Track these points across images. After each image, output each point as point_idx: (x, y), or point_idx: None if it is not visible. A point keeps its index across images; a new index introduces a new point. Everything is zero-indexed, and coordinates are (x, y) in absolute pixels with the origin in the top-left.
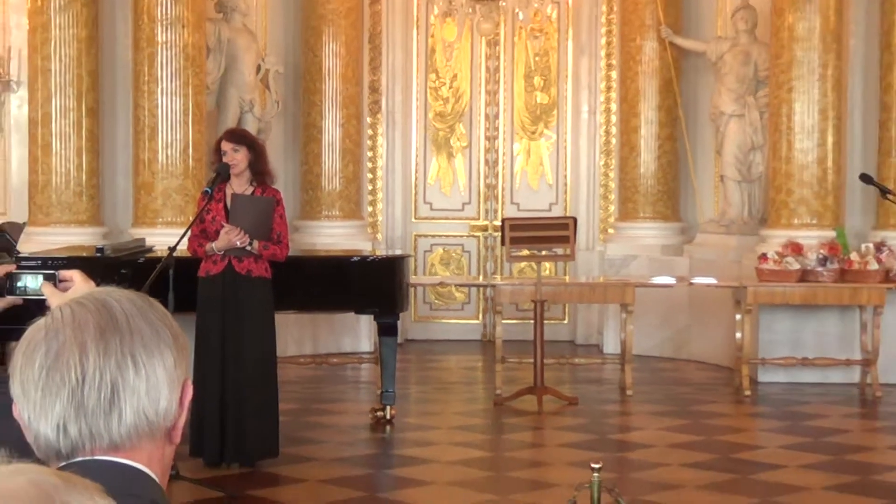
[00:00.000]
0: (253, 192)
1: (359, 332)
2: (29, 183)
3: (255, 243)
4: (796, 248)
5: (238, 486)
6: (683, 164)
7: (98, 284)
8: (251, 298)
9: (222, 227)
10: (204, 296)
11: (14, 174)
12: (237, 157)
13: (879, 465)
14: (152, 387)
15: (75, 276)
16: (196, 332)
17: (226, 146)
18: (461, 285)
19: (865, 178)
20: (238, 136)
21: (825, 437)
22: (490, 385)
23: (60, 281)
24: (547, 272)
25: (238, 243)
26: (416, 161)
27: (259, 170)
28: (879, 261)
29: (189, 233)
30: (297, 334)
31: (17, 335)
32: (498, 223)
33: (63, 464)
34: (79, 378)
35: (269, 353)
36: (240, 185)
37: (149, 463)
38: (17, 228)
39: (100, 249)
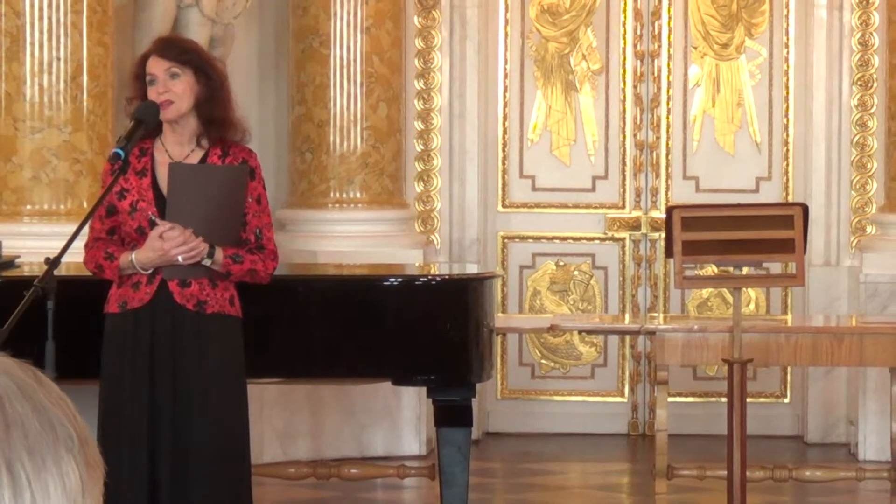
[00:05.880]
0: (205, 158)
1: (398, 419)
2: None
3: (218, 253)
4: None
5: None
6: None
7: None
8: (205, 355)
9: (150, 223)
10: (117, 350)
11: None
12: (176, 89)
13: None
14: None
15: None
16: (101, 418)
17: (155, 67)
18: (590, 332)
19: None
20: (178, 49)
21: None
22: None
23: None
24: (752, 307)
25: (181, 258)
26: (506, 99)
27: (215, 115)
28: None
29: (85, 233)
30: (284, 425)
31: None
32: (660, 215)
33: None
34: None
35: (236, 455)
36: (178, 141)
37: None
38: None
39: None
